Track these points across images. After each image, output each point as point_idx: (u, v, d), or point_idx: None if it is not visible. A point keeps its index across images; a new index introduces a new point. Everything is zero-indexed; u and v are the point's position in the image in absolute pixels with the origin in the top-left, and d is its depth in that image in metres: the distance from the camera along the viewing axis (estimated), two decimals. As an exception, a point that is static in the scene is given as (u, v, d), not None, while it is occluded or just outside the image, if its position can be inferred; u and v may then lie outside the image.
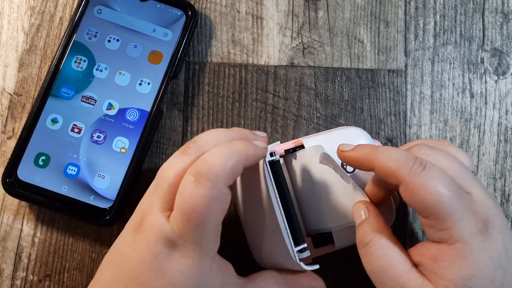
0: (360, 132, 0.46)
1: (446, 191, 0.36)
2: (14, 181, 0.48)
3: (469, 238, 0.36)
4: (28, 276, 0.50)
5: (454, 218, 0.36)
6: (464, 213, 0.36)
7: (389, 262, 0.38)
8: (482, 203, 0.38)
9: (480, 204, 0.37)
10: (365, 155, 0.39)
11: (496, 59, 0.54)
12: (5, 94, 0.52)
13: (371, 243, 0.39)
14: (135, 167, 0.49)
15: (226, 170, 0.36)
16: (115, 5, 0.51)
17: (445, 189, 0.36)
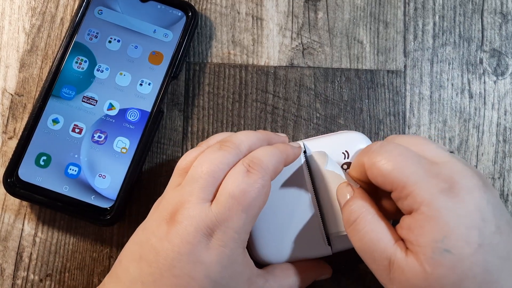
0: (360, 137, 0.47)
1: (399, 159, 0.38)
2: (15, 181, 0.48)
3: (432, 199, 0.36)
4: (29, 275, 0.50)
5: (412, 181, 0.37)
6: (422, 176, 0.37)
7: (377, 236, 0.38)
8: (447, 167, 0.38)
9: (444, 168, 0.37)
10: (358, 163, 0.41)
11: (495, 60, 0.54)
12: (6, 94, 0.52)
13: (358, 220, 0.39)
14: (135, 167, 0.49)
15: (273, 165, 0.40)
16: (116, 6, 0.51)
17: (397, 157, 0.38)
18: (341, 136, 0.47)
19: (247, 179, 0.38)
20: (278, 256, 0.45)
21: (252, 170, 0.39)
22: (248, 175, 0.39)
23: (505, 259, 0.36)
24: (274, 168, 0.40)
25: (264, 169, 0.39)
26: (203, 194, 0.39)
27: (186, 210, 0.38)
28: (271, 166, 0.40)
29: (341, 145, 0.46)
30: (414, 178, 0.37)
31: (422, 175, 0.37)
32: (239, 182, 0.38)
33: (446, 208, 0.36)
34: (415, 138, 0.41)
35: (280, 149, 0.42)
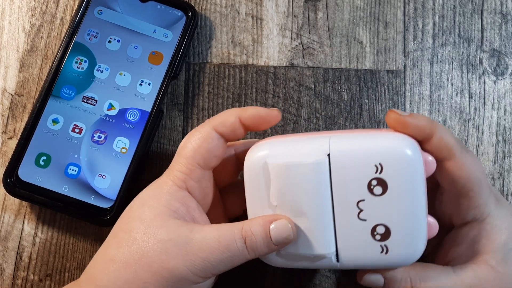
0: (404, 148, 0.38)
1: (483, 171, 0.42)
2: (15, 181, 0.48)
3: (495, 210, 0.42)
4: (29, 275, 0.50)
5: (486, 194, 0.41)
6: (489, 190, 0.42)
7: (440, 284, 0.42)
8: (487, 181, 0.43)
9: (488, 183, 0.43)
10: (427, 123, 0.39)
11: (495, 60, 0.54)
12: (6, 94, 0.52)
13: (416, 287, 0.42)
14: (135, 167, 0.49)
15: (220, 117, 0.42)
16: (116, 6, 0.51)
17: (482, 169, 0.41)
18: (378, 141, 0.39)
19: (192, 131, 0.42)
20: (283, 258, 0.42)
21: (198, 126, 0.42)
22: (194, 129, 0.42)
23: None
24: (221, 120, 0.42)
25: (206, 122, 0.42)
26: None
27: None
28: (217, 118, 0.42)
29: (375, 155, 0.38)
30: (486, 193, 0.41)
31: (489, 189, 0.42)
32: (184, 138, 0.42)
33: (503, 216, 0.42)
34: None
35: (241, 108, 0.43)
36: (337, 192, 0.39)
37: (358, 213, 0.39)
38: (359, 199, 0.39)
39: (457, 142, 0.40)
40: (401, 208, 0.38)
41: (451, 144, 0.39)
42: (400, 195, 0.38)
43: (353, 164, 0.38)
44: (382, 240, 0.39)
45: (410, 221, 0.39)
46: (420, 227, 0.39)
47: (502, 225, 0.42)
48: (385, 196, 0.38)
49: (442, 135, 0.39)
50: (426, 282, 0.42)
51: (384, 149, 0.38)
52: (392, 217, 0.38)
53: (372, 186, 0.38)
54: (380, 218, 0.39)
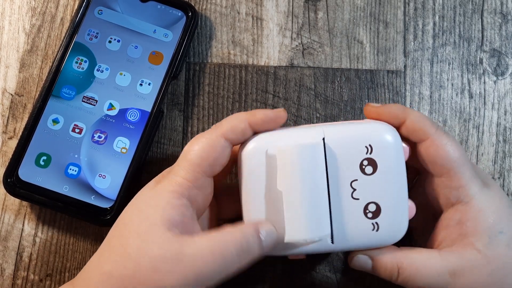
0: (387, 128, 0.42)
1: (462, 152, 0.42)
2: (15, 181, 0.48)
3: (481, 193, 0.42)
4: (29, 275, 0.50)
5: (468, 176, 0.42)
6: (473, 173, 0.42)
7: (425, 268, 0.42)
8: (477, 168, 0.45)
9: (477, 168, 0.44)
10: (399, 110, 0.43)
11: (495, 60, 0.54)
12: (6, 94, 0.52)
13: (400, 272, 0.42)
14: (135, 167, 0.49)
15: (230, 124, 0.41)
16: (116, 6, 0.51)
17: (462, 150, 0.42)
18: (366, 126, 0.43)
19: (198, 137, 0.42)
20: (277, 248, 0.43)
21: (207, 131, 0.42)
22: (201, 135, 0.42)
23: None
24: (230, 126, 0.41)
25: (216, 127, 0.42)
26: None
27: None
28: (227, 124, 0.41)
29: (365, 137, 0.42)
30: (470, 174, 0.42)
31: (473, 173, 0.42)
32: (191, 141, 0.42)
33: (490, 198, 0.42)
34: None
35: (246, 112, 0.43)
36: (332, 174, 0.42)
37: (351, 192, 0.42)
38: (353, 179, 0.42)
39: (431, 124, 0.42)
40: (389, 186, 0.42)
41: (425, 125, 0.42)
42: (388, 174, 0.42)
43: (346, 146, 0.42)
44: (374, 218, 0.42)
45: (397, 199, 0.42)
46: (404, 204, 0.42)
47: (488, 208, 0.41)
48: (375, 175, 0.42)
49: (414, 118, 0.42)
50: (411, 263, 0.42)
51: (372, 132, 0.42)
52: (382, 195, 0.42)
53: (364, 166, 0.42)
54: (371, 196, 0.42)
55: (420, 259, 0.42)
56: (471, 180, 0.42)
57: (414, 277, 0.42)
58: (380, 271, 0.43)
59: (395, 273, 0.42)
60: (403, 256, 0.42)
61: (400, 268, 0.42)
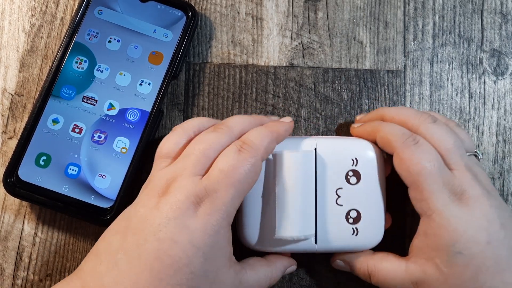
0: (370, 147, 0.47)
1: (428, 165, 0.42)
2: (15, 181, 0.48)
3: (443, 208, 0.42)
4: (29, 275, 0.50)
5: (431, 190, 0.42)
6: (439, 187, 0.42)
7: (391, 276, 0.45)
8: (460, 178, 0.43)
9: (457, 179, 0.43)
10: (371, 129, 0.47)
11: (495, 60, 0.54)
12: (6, 94, 0.52)
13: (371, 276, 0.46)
14: (135, 167, 0.49)
15: (264, 146, 0.43)
16: (116, 6, 0.51)
17: (427, 163, 0.42)
18: (354, 141, 0.48)
19: (238, 156, 0.41)
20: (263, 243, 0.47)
21: (243, 150, 0.42)
22: (239, 153, 0.41)
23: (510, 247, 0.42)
24: (265, 148, 0.43)
25: (255, 150, 0.42)
26: (195, 169, 0.41)
27: (178, 182, 0.41)
28: (262, 147, 0.43)
29: (352, 151, 0.47)
30: (433, 188, 0.42)
31: (440, 186, 0.42)
32: (230, 159, 0.41)
33: (456, 216, 0.42)
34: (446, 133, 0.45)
35: (271, 129, 0.44)
36: (320, 181, 0.47)
37: (336, 199, 0.47)
38: (338, 187, 0.47)
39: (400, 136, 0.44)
40: (370, 196, 0.47)
41: (390, 139, 0.44)
42: (369, 186, 0.47)
43: (335, 157, 0.47)
44: (354, 223, 0.47)
45: (375, 208, 0.47)
46: (381, 214, 0.47)
47: (450, 226, 0.41)
48: (358, 185, 0.47)
49: (382, 134, 0.45)
50: (380, 270, 0.45)
51: (359, 147, 0.47)
52: (363, 203, 0.47)
53: (349, 176, 0.47)
54: (353, 204, 0.47)
55: (387, 268, 0.45)
56: (434, 194, 0.42)
57: (383, 283, 0.45)
58: (356, 274, 0.47)
59: (367, 276, 0.46)
60: (373, 264, 0.46)
61: (371, 274, 0.45)
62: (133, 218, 0.41)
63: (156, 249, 0.38)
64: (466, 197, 0.42)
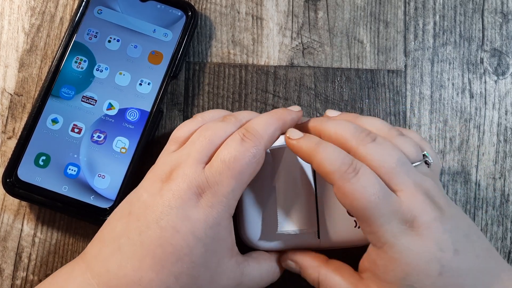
0: None
1: (372, 198, 0.38)
2: (15, 181, 0.48)
3: (394, 240, 0.38)
4: (28, 276, 0.50)
5: (379, 223, 0.39)
6: (388, 218, 0.39)
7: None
8: (408, 202, 0.39)
9: (406, 204, 0.39)
10: (307, 150, 0.41)
11: (496, 59, 0.54)
12: (5, 94, 0.52)
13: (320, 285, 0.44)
14: (135, 167, 0.49)
15: (268, 134, 0.42)
16: (116, 5, 0.51)
17: (371, 196, 0.38)
18: None
19: (239, 147, 0.41)
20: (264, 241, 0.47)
21: (246, 139, 0.41)
22: (241, 143, 0.41)
23: (466, 274, 0.39)
24: (269, 137, 0.42)
25: (258, 139, 0.41)
26: (199, 155, 0.41)
27: (182, 169, 0.41)
28: (266, 135, 0.42)
29: None
30: (381, 220, 0.39)
31: (388, 218, 0.39)
32: (231, 150, 0.41)
33: (407, 249, 0.38)
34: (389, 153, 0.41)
35: (277, 116, 0.44)
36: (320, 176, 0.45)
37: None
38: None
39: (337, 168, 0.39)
40: None
41: (328, 171, 0.40)
42: None
43: None
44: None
45: None
46: None
47: (400, 259, 0.38)
48: None
49: (319, 161, 0.40)
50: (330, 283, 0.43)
51: None
52: None
53: None
54: None
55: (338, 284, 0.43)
56: (384, 226, 0.39)
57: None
58: (305, 278, 0.45)
59: (316, 284, 0.44)
60: (325, 274, 0.44)
61: (320, 282, 0.44)
62: (136, 203, 0.41)
63: (158, 237, 0.39)
64: (417, 224, 0.39)
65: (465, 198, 0.52)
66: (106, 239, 0.41)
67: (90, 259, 0.41)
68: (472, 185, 0.52)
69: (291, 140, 0.43)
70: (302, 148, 0.42)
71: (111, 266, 0.39)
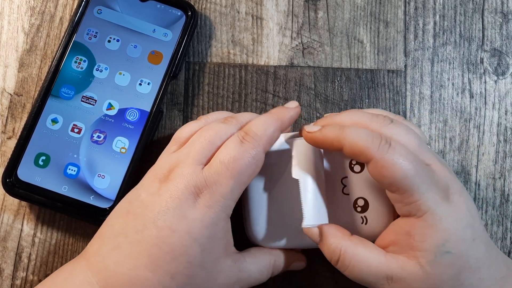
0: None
1: (412, 166, 0.39)
2: (14, 181, 0.48)
3: (436, 208, 0.39)
4: (28, 276, 0.50)
5: (421, 191, 0.39)
6: (428, 185, 0.39)
7: (367, 263, 0.41)
8: (440, 172, 0.41)
9: (439, 174, 0.41)
10: (334, 136, 0.41)
11: (496, 59, 0.54)
12: (5, 94, 0.52)
13: (341, 257, 0.42)
14: (135, 167, 0.49)
15: (267, 135, 0.42)
16: (115, 5, 0.51)
17: (410, 164, 0.39)
18: None
19: (239, 148, 0.41)
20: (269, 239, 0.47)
21: (245, 141, 0.41)
22: (241, 144, 0.41)
23: (486, 242, 0.41)
24: (268, 138, 0.42)
25: (257, 140, 0.42)
26: (198, 156, 0.41)
27: (180, 169, 0.41)
28: (265, 136, 0.42)
29: None
30: (423, 188, 0.39)
31: (428, 185, 0.39)
32: (230, 150, 0.41)
33: (446, 215, 0.39)
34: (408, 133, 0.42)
35: (276, 117, 0.44)
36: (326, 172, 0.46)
37: (342, 188, 0.45)
38: (343, 176, 0.45)
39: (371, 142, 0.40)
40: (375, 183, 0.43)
41: (363, 147, 0.40)
42: None
43: None
44: (362, 212, 0.45)
45: (381, 195, 0.44)
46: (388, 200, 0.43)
47: (440, 225, 0.39)
48: (363, 173, 0.45)
49: (351, 142, 0.40)
50: (355, 254, 0.42)
51: None
52: (369, 191, 0.45)
53: (353, 165, 0.45)
54: (360, 192, 0.45)
55: (364, 254, 0.41)
56: (424, 195, 0.39)
57: (353, 268, 0.41)
58: (324, 249, 0.43)
59: (336, 256, 0.42)
60: (349, 245, 0.42)
61: (342, 254, 0.42)
62: (135, 202, 0.42)
63: (155, 236, 0.40)
64: (451, 192, 0.40)
65: (465, 198, 0.52)
66: (105, 237, 0.42)
67: (90, 256, 0.42)
68: (472, 185, 0.52)
69: (313, 133, 0.42)
70: (327, 137, 0.41)
71: (110, 263, 0.40)
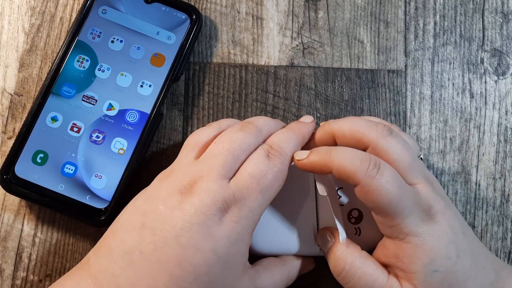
0: None
1: (397, 193, 0.39)
2: (11, 178, 0.48)
3: (417, 229, 0.40)
4: (28, 276, 0.50)
5: (403, 215, 0.40)
6: (410, 210, 0.40)
7: (371, 278, 0.42)
8: (424, 193, 0.41)
9: (423, 194, 0.41)
10: (321, 161, 0.41)
11: (496, 59, 0.54)
12: (5, 94, 0.52)
13: (347, 268, 0.42)
14: (132, 169, 0.49)
15: (290, 150, 0.42)
16: (120, 6, 0.51)
17: (396, 191, 0.39)
18: None
19: (267, 162, 0.41)
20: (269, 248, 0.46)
21: (272, 155, 0.41)
22: (269, 159, 0.41)
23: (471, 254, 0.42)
24: (292, 153, 0.43)
25: (283, 155, 0.42)
26: (223, 170, 0.40)
27: (205, 183, 0.39)
28: (289, 151, 0.42)
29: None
30: (405, 213, 0.40)
31: (410, 210, 0.40)
32: (260, 165, 0.40)
33: (429, 235, 0.40)
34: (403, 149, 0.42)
35: (296, 132, 0.44)
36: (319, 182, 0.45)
37: (338, 198, 0.46)
38: (339, 187, 0.46)
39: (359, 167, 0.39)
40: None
41: (351, 172, 0.40)
42: None
43: None
44: (356, 223, 0.46)
45: None
46: None
47: (424, 245, 0.40)
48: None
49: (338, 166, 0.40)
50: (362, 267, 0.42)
51: None
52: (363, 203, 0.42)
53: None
54: (354, 203, 0.46)
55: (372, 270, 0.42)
56: (406, 219, 0.40)
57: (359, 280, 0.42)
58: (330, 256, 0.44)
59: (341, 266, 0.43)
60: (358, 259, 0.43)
61: (349, 265, 0.42)
62: (151, 214, 0.39)
63: (177, 255, 0.37)
64: (433, 212, 0.41)
65: (465, 198, 0.52)
66: (115, 252, 0.39)
67: (98, 274, 0.39)
68: (472, 185, 0.52)
69: (301, 161, 0.42)
70: (315, 162, 0.41)
71: (122, 283, 0.38)
